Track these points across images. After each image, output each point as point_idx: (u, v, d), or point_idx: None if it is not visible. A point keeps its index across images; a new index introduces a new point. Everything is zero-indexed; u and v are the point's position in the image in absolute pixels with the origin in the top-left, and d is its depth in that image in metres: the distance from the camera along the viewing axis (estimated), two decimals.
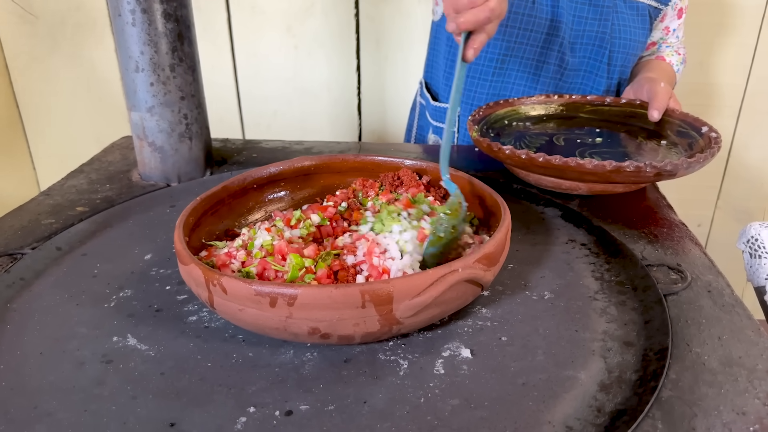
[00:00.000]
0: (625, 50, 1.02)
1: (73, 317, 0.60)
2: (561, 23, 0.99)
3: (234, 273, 0.58)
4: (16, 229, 0.76)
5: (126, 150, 1.04)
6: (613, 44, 1.01)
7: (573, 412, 0.46)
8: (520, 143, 0.89)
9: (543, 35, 1.00)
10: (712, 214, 1.75)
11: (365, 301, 0.49)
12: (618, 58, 1.03)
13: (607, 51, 1.01)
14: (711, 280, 0.63)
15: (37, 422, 0.47)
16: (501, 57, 1.03)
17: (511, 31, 1.00)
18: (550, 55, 1.02)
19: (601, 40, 1.01)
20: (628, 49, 1.02)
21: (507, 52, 1.02)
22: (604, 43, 1.01)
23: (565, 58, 1.02)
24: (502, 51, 1.03)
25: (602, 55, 1.02)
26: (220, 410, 0.48)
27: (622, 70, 1.05)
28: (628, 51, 1.03)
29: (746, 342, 0.54)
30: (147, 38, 0.82)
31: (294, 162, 0.77)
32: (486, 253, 0.54)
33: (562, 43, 1.01)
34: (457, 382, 0.50)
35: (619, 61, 1.03)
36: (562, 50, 1.01)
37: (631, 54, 1.04)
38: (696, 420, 0.45)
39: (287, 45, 1.63)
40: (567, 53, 1.02)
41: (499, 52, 1.03)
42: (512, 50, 1.02)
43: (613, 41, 1.01)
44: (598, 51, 1.02)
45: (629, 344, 0.54)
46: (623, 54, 1.03)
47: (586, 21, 1.00)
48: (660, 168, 0.72)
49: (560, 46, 1.01)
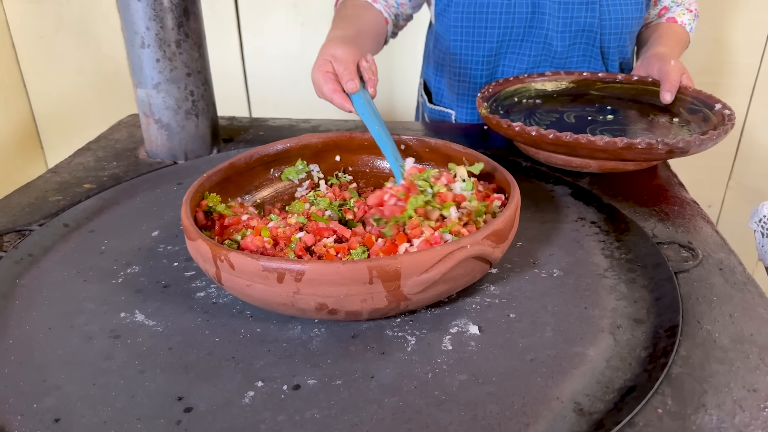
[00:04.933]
0: (618, 31, 0.99)
1: (80, 293, 0.60)
2: (544, 14, 0.97)
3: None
4: (23, 205, 0.76)
5: (133, 128, 1.04)
6: (603, 27, 0.98)
7: (581, 388, 0.46)
8: (530, 120, 0.88)
9: (523, 29, 0.98)
10: (723, 195, 1.73)
11: (373, 277, 0.49)
12: (611, 40, 0.99)
13: (598, 36, 0.98)
14: (723, 257, 0.62)
15: (46, 395, 0.47)
16: (487, 59, 1.02)
17: (491, 32, 0.99)
18: (536, 47, 1.00)
19: (590, 26, 0.97)
20: (621, 29, 0.99)
21: (492, 52, 1.01)
22: (594, 27, 0.97)
23: (553, 48, 0.99)
24: (487, 53, 1.01)
25: (594, 39, 0.99)
26: (228, 384, 0.48)
27: (619, 51, 1.02)
28: (621, 31, 0.99)
29: (758, 319, 0.53)
30: (153, 13, 0.81)
31: (301, 139, 0.76)
32: (495, 230, 0.54)
33: (547, 34, 0.98)
34: (464, 358, 0.50)
35: (613, 43, 1.00)
36: (548, 41, 0.99)
37: (625, 33, 1.00)
38: (706, 396, 0.44)
39: (294, 22, 1.61)
40: (554, 43, 0.99)
41: (485, 54, 1.01)
42: (497, 48, 1.01)
43: (603, 25, 0.97)
44: (589, 36, 0.99)
45: (639, 321, 0.53)
46: (616, 36, 0.99)
47: (573, 7, 0.96)
48: (672, 145, 0.71)
49: (545, 37, 0.98)
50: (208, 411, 0.45)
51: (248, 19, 1.62)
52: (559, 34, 0.99)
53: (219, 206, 0.63)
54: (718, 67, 1.57)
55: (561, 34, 0.99)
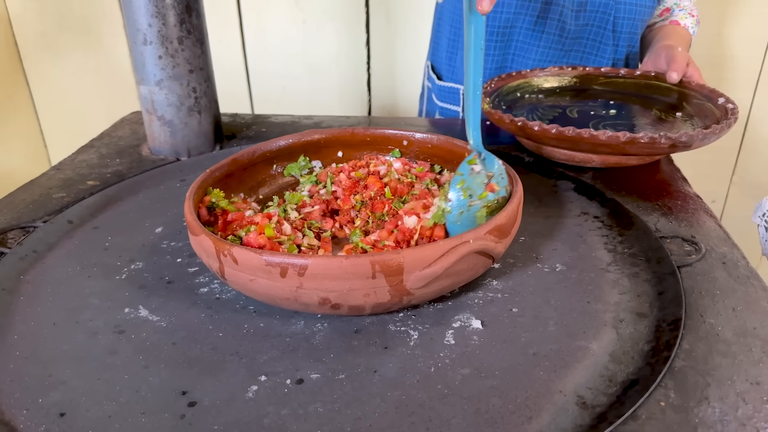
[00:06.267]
0: (632, 16, 1.00)
1: (85, 289, 0.60)
2: None
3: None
4: (28, 202, 0.77)
5: (136, 125, 1.04)
6: (618, 10, 0.99)
7: (584, 381, 0.46)
8: (533, 115, 0.88)
9: (541, 3, 0.99)
10: (727, 190, 1.72)
11: (375, 271, 0.49)
12: (624, 24, 1.01)
13: (611, 17, 1.00)
14: (726, 251, 0.62)
15: (52, 390, 0.47)
16: (501, 30, 1.03)
17: (510, 2, 1.00)
18: (550, 24, 1.01)
19: (605, 6, 0.99)
20: (634, 14, 1.00)
21: (507, 23, 1.02)
22: (609, 9, 0.99)
23: (566, 27, 1.01)
24: (501, 23, 1.02)
25: (606, 21, 1.00)
26: (232, 379, 0.48)
27: (629, 38, 1.03)
28: (634, 17, 1.01)
29: (761, 313, 0.53)
30: (155, 10, 0.81)
31: (303, 135, 0.76)
32: (497, 224, 0.54)
33: (563, 12, 0.99)
34: (467, 352, 0.50)
35: (626, 28, 1.01)
36: (562, 18, 1.00)
37: (637, 20, 1.01)
38: (709, 389, 0.44)
39: (296, 19, 1.61)
40: (568, 21, 1.00)
41: (499, 25, 1.03)
42: (512, 21, 1.02)
43: (617, 6, 0.99)
44: (603, 17, 1.00)
45: (642, 315, 0.53)
46: (629, 20, 1.01)
47: None
48: (675, 139, 0.71)
49: (560, 14, 1.00)
50: (212, 405, 0.45)
51: (250, 16, 1.62)
52: (574, 13, 1.00)
53: (222, 202, 0.63)
54: (721, 62, 1.57)
55: (576, 12, 1.00)
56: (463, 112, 1.13)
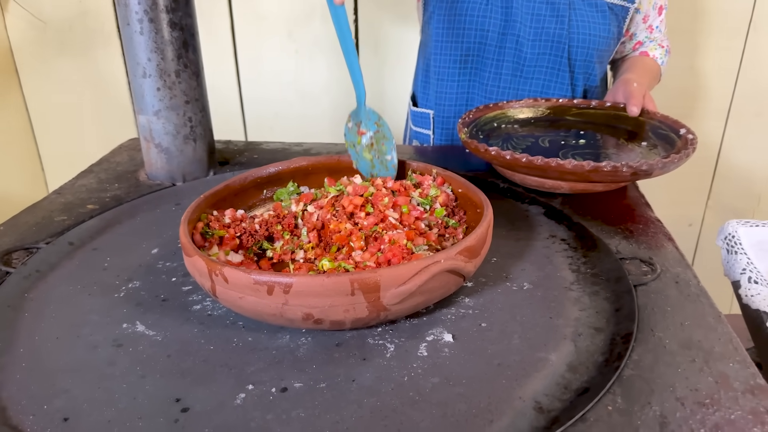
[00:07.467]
0: (585, 45, 1.07)
1: (85, 306, 0.65)
2: (516, 22, 1.06)
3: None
4: (30, 225, 0.81)
5: (133, 151, 1.09)
6: (572, 40, 1.07)
7: (542, 389, 0.51)
8: (508, 144, 0.94)
9: (498, 34, 1.08)
10: (703, 214, 1.79)
11: (354, 288, 0.54)
12: (578, 53, 1.08)
13: (566, 47, 1.07)
14: (680, 272, 0.68)
15: (55, 398, 0.51)
16: (462, 58, 1.12)
17: (468, 33, 1.09)
18: (508, 53, 1.09)
19: (559, 37, 1.07)
20: (588, 44, 1.07)
21: (467, 52, 1.11)
22: (563, 39, 1.07)
23: (523, 56, 1.08)
24: (462, 52, 1.11)
25: (562, 50, 1.08)
26: (222, 388, 0.52)
27: (585, 66, 1.10)
28: (588, 46, 1.08)
29: (706, 327, 0.58)
30: (154, 46, 0.87)
31: (292, 162, 0.81)
32: (467, 246, 0.59)
33: (518, 41, 1.07)
34: (438, 363, 0.55)
35: (580, 56, 1.09)
36: (518, 47, 1.08)
37: (592, 49, 1.08)
38: (652, 395, 0.49)
39: (288, 49, 1.68)
40: (524, 51, 1.08)
41: (460, 54, 1.12)
42: (472, 50, 1.11)
43: (571, 37, 1.07)
44: (557, 47, 1.08)
45: (599, 330, 0.58)
46: (583, 49, 1.08)
47: (544, 18, 1.06)
48: (636, 168, 0.76)
49: (516, 44, 1.08)
50: (203, 411, 0.50)
51: (245, 47, 1.69)
52: (529, 42, 1.08)
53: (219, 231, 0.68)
54: (694, 93, 1.65)
55: (532, 42, 1.08)
56: (415, 126, 1.26)
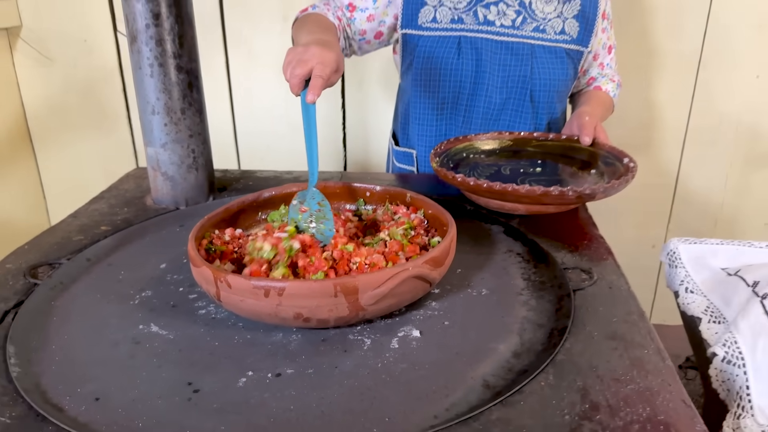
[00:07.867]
0: (547, 88, 1.22)
1: (105, 311, 0.75)
2: (485, 72, 1.20)
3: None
4: (52, 244, 0.92)
5: (139, 179, 1.20)
6: (534, 84, 1.21)
7: (490, 371, 0.62)
8: (473, 173, 1.06)
9: (470, 84, 1.21)
10: (665, 235, 1.92)
11: (337, 291, 0.65)
12: (540, 95, 1.22)
13: (528, 90, 1.21)
14: (614, 279, 0.80)
15: (87, 383, 0.62)
16: (439, 105, 1.25)
17: (443, 85, 1.22)
18: (479, 99, 1.23)
19: (523, 82, 1.21)
20: (549, 87, 1.22)
21: (443, 101, 1.24)
22: (526, 84, 1.21)
23: (492, 100, 1.22)
24: (438, 101, 1.24)
25: (525, 94, 1.22)
26: (226, 374, 0.63)
27: (548, 106, 1.24)
28: (549, 89, 1.22)
29: (630, 323, 0.70)
30: (162, 87, 0.99)
31: (284, 188, 0.93)
32: (433, 256, 0.70)
33: (488, 89, 1.21)
34: (407, 353, 0.66)
35: (542, 98, 1.23)
36: (488, 93, 1.21)
37: (553, 91, 1.23)
38: (578, 374, 0.61)
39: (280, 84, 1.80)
40: (494, 95, 1.22)
41: (437, 102, 1.24)
42: (447, 99, 1.24)
43: (533, 81, 1.21)
44: (521, 91, 1.22)
45: (540, 325, 0.70)
46: (545, 92, 1.22)
47: (509, 67, 1.20)
48: (580, 192, 0.89)
49: (486, 91, 1.21)
50: (211, 392, 0.60)
51: (238, 83, 1.81)
52: (497, 89, 1.21)
53: (220, 247, 0.80)
54: (651, 124, 1.79)
55: (499, 88, 1.21)
56: (399, 163, 1.37)
